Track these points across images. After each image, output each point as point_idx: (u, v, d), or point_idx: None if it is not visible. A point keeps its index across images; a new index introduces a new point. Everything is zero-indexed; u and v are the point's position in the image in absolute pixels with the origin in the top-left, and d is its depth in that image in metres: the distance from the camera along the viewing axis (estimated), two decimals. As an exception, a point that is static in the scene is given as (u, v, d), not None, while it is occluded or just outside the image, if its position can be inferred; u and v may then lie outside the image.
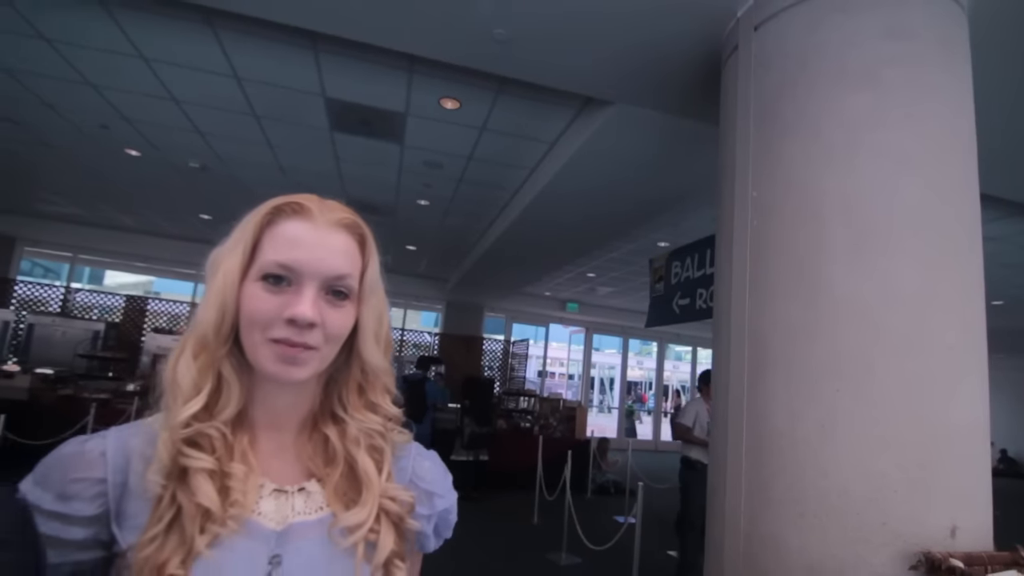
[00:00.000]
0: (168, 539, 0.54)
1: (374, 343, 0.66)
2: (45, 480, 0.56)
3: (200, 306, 0.62)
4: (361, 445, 0.64)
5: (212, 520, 0.55)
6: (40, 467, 0.57)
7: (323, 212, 0.63)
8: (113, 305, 9.67)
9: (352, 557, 0.60)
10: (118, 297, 9.73)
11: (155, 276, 12.79)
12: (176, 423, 0.57)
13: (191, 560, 0.53)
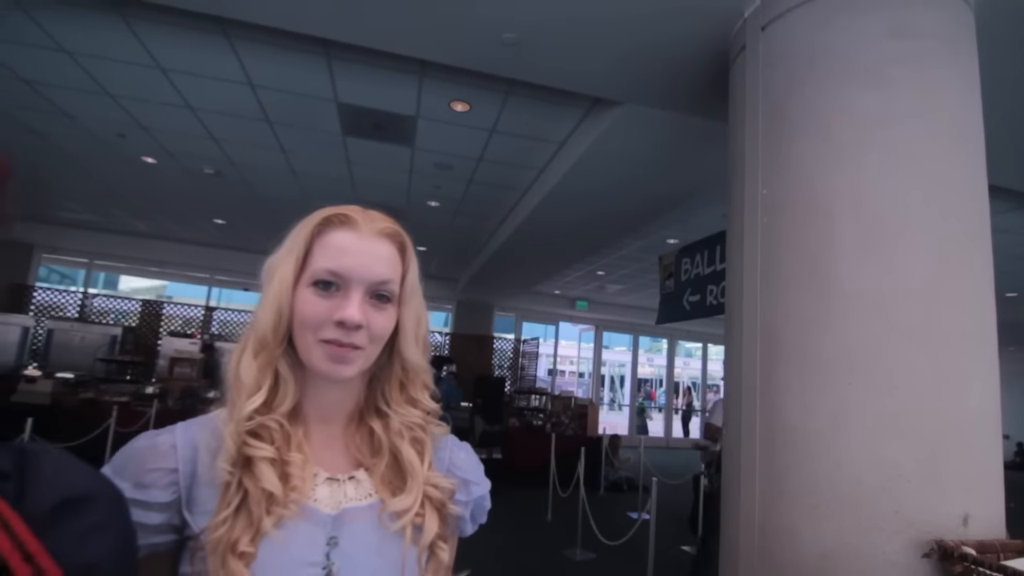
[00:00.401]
0: (237, 521, 0.59)
1: (414, 343, 0.71)
2: (123, 470, 0.61)
3: (258, 309, 0.67)
4: (404, 437, 0.70)
5: (275, 503, 0.61)
6: (116, 459, 0.63)
7: (367, 222, 0.69)
8: (129, 310, 9.84)
9: (400, 539, 0.65)
10: (134, 302, 9.89)
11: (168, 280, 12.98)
12: (241, 416, 0.63)
13: (259, 539, 0.59)
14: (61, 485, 0.43)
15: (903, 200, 1.74)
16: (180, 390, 6.22)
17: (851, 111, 1.84)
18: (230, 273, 10.38)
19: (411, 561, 0.65)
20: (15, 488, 0.41)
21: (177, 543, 0.62)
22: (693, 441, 13.74)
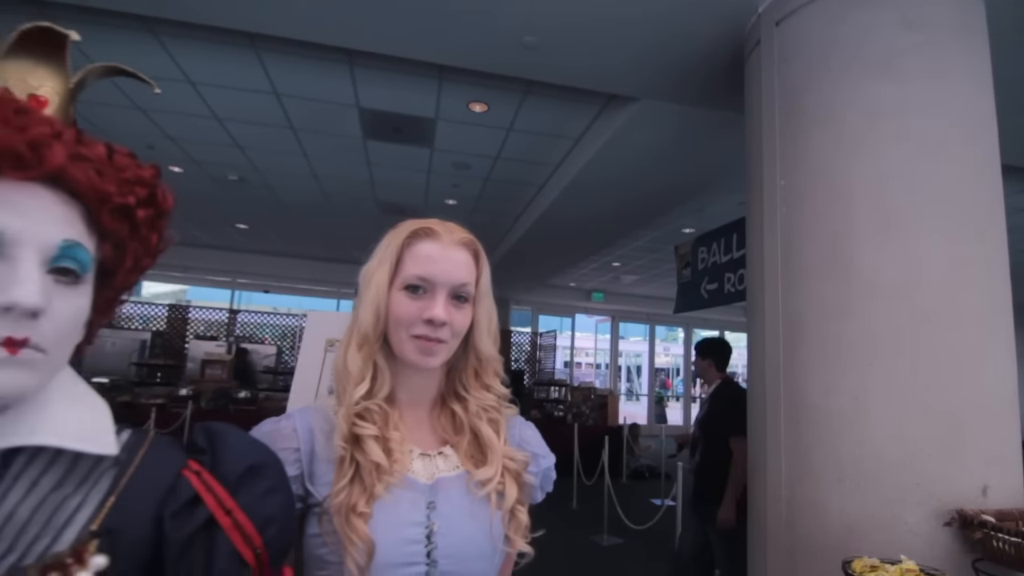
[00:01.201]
0: (354, 488, 0.71)
1: (487, 336, 0.83)
2: None
3: (359, 311, 0.79)
4: (482, 418, 0.81)
5: (383, 473, 0.72)
6: None
7: (448, 234, 0.80)
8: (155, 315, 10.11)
9: (487, 504, 0.76)
10: (160, 307, 10.16)
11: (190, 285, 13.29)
12: (351, 402, 0.74)
13: (372, 502, 0.70)
14: (244, 456, 0.55)
15: (919, 188, 1.81)
16: (212, 391, 6.43)
17: (866, 103, 1.91)
18: (251, 276, 10.61)
19: (497, 522, 0.76)
20: (211, 459, 0.53)
21: (302, 510, 0.74)
22: (712, 429, 13.76)
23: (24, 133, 0.43)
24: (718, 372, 3.38)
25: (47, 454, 0.46)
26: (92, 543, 0.43)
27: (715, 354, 3.41)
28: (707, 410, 3.34)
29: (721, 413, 3.14)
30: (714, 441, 3.12)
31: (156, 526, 0.47)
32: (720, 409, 3.18)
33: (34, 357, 0.42)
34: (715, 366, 3.38)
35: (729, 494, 2.94)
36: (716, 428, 3.13)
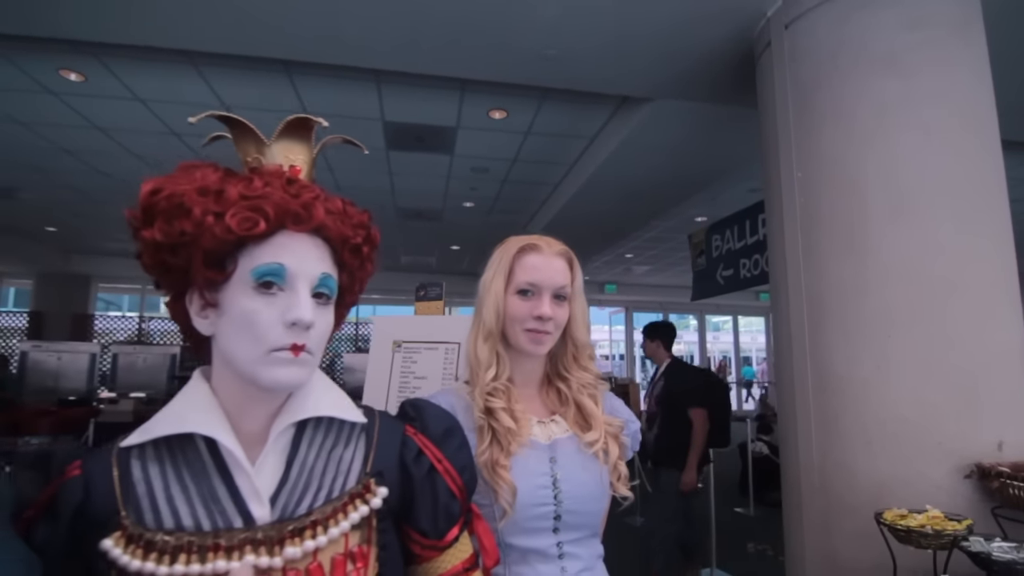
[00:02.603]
0: (493, 448, 0.90)
1: (582, 327, 1.02)
2: None
3: (483, 312, 0.98)
4: (583, 393, 1.01)
5: (514, 436, 0.92)
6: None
7: (548, 247, 0.99)
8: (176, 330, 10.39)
9: (595, 459, 0.96)
10: (187, 321, 10.45)
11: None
12: (484, 383, 0.94)
13: (509, 457, 0.90)
14: (441, 421, 0.74)
15: (927, 172, 1.98)
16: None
17: (874, 97, 2.08)
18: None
19: (604, 473, 0.96)
20: (421, 424, 0.73)
21: None
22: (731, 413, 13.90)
23: (298, 199, 0.62)
24: (667, 352, 3.73)
25: (324, 423, 0.66)
26: (372, 479, 0.63)
27: (662, 335, 3.75)
28: (664, 386, 3.65)
29: (679, 388, 3.50)
30: (674, 414, 3.46)
31: (401, 469, 0.66)
32: (676, 384, 3.54)
33: (307, 358, 0.61)
34: (663, 346, 3.69)
35: (692, 458, 3.36)
36: (676, 402, 3.48)
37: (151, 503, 0.55)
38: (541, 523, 0.90)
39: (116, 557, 0.51)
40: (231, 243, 0.57)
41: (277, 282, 0.58)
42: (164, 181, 0.61)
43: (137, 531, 0.53)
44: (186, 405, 0.60)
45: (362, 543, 0.59)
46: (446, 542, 0.67)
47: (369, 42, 2.91)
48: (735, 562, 4.04)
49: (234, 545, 0.53)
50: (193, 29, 2.83)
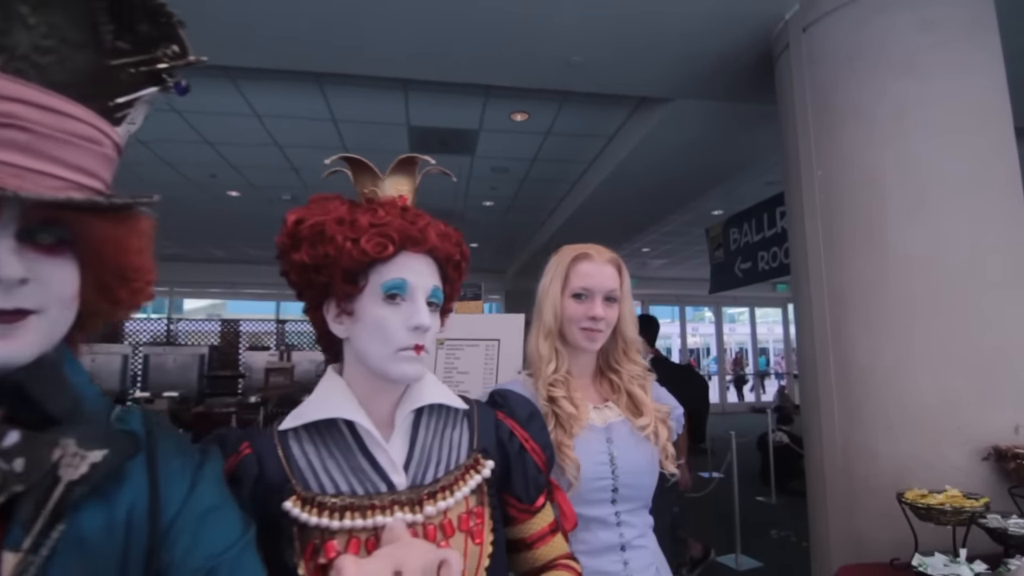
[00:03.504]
0: (557, 431, 1.04)
1: (630, 324, 1.15)
2: None
3: (543, 313, 1.12)
4: (633, 383, 1.14)
5: (574, 420, 1.05)
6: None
7: (599, 255, 1.12)
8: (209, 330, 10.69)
9: (646, 441, 1.09)
10: (214, 322, 10.74)
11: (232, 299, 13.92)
12: (545, 376, 1.08)
13: (572, 438, 1.03)
14: (526, 407, 0.87)
15: (943, 170, 2.07)
16: (278, 397, 6.90)
17: (891, 98, 2.17)
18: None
19: (655, 453, 1.09)
20: (508, 410, 0.86)
21: None
22: (749, 405, 13.94)
23: (415, 225, 0.75)
24: (650, 347, 3.74)
25: (435, 410, 0.79)
26: (479, 454, 0.77)
27: (647, 330, 3.76)
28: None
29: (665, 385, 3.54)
30: None
31: (499, 447, 0.80)
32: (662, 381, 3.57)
33: (425, 356, 0.74)
34: (647, 341, 3.73)
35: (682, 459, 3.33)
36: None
37: (312, 474, 0.69)
38: (601, 495, 1.04)
39: (297, 515, 0.65)
40: (365, 263, 0.71)
41: (401, 294, 0.72)
42: (305, 212, 0.75)
43: (308, 495, 0.66)
44: (327, 396, 0.74)
45: (478, 505, 0.73)
46: (536, 507, 0.81)
47: (398, 53, 3.04)
48: (759, 548, 4.15)
49: (385, 505, 0.67)
50: (235, 48, 2.98)
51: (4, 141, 0.42)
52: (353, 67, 3.20)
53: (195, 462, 0.55)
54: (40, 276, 0.46)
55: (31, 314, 0.46)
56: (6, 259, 0.44)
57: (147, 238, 0.56)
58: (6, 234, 0.44)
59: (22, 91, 0.43)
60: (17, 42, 0.44)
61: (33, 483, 0.43)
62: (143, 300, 0.59)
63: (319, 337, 0.80)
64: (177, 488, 0.52)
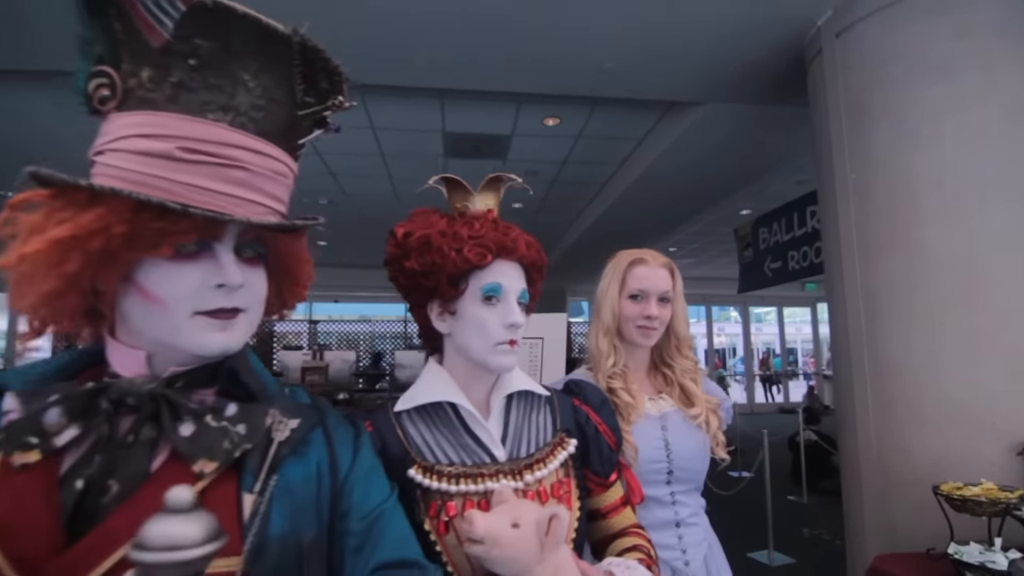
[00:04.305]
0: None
1: (683, 323, 1.26)
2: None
3: (601, 312, 1.23)
4: (685, 377, 1.24)
5: (632, 409, 1.16)
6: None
7: (653, 259, 1.23)
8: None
9: (698, 429, 1.20)
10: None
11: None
12: (604, 369, 1.19)
13: (629, 426, 1.14)
14: (597, 394, 0.99)
15: (977, 173, 2.12)
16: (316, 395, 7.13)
17: (925, 102, 2.23)
18: (325, 288, 11.39)
19: (706, 440, 1.20)
20: (583, 397, 0.97)
21: None
22: (778, 405, 13.80)
23: (507, 236, 0.87)
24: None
25: (523, 396, 0.91)
26: (563, 434, 0.89)
27: None
28: None
29: None
30: None
31: (578, 428, 0.91)
32: None
33: (518, 349, 0.86)
34: None
35: None
36: None
37: (427, 447, 0.82)
38: (657, 476, 1.15)
39: (420, 481, 0.77)
40: (466, 269, 0.83)
41: (497, 296, 0.84)
42: (411, 225, 0.87)
43: (427, 465, 0.79)
44: (432, 383, 0.87)
45: (565, 476, 0.85)
46: (610, 482, 0.92)
47: (437, 65, 3.18)
48: (792, 546, 4.18)
49: (491, 473, 0.79)
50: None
51: (230, 178, 0.56)
52: (395, 79, 3.36)
53: (354, 432, 0.68)
54: (248, 282, 0.59)
55: (241, 312, 0.59)
56: (231, 269, 0.57)
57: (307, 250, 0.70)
58: (228, 249, 0.58)
59: (244, 140, 0.57)
60: (240, 102, 0.57)
61: (256, 442, 0.57)
62: (301, 300, 0.72)
63: (422, 332, 0.92)
64: (346, 451, 0.65)
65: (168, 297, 0.55)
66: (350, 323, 11.49)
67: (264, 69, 0.59)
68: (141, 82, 0.56)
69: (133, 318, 0.57)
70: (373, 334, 11.83)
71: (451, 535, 0.75)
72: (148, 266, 0.55)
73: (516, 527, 0.67)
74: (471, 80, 3.38)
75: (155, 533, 0.36)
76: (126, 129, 0.55)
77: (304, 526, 0.57)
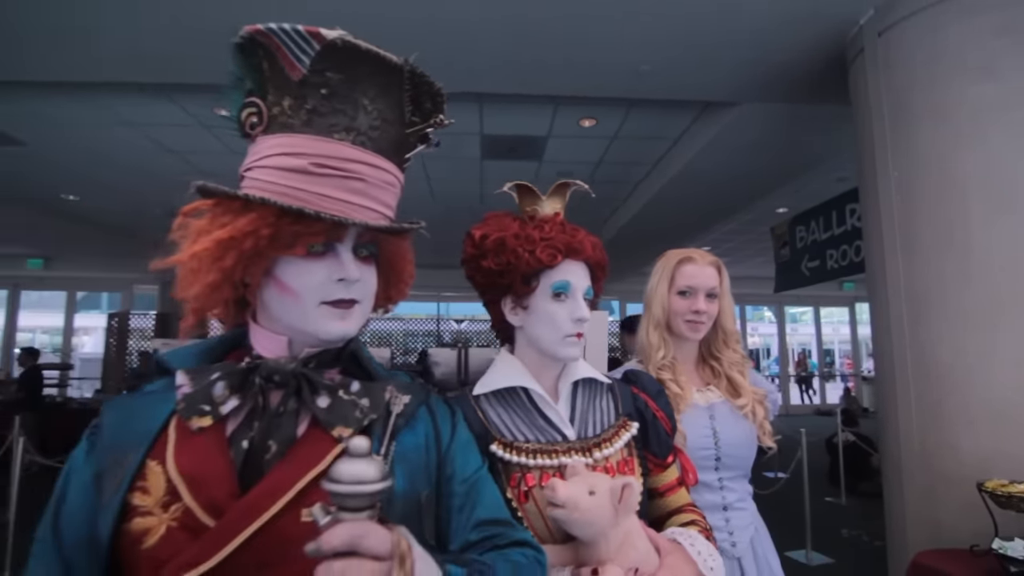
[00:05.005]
0: None
1: (730, 318, 1.33)
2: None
3: (652, 307, 1.31)
4: (734, 370, 1.31)
5: (680, 399, 1.23)
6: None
7: (702, 258, 1.31)
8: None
9: (745, 419, 1.26)
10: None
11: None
12: (654, 361, 1.27)
13: (678, 415, 1.21)
14: (654, 384, 1.07)
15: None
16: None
17: (970, 101, 2.22)
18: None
19: (752, 429, 1.26)
20: (640, 386, 1.06)
21: None
22: (814, 407, 13.53)
23: (575, 238, 0.96)
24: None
25: (588, 383, 1.00)
26: (625, 418, 0.97)
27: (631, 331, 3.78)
28: None
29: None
30: None
31: (638, 413, 1.00)
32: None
33: (583, 340, 0.95)
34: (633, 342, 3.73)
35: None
36: None
37: (505, 427, 0.91)
38: (705, 463, 1.22)
39: (502, 455, 0.87)
40: (538, 268, 0.92)
41: (565, 292, 0.93)
42: (486, 228, 0.97)
43: (507, 441, 0.89)
44: (506, 370, 0.96)
45: (628, 456, 0.94)
46: (667, 463, 1.00)
47: (475, 68, 3.28)
48: (830, 546, 4.16)
49: (563, 450, 0.88)
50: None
51: (351, 188, 0.66)
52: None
53: (451, 410, 0.78)
54: (363, 277, 0.69)
55: (356, 303, 0.69)
56: (351, 266, 0.67)
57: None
58: (348, 249, 0.68)
59: (363, 156, 0.67)
60: (360, 124, 0.68)
61: (379, 413, 0.67)
62: (404, 297, 0.83)
63: (495, 325, 1.02)
64: (446, 426, 0.75)
65: (300, 289, 0.66)
66: (384, 321, 11.74)
67: (380, 94, 0.69)
68: (283, 110, 0.67)
69: (272, 306, 0.68)
70: (406, 332, 12.07)
71: (530, 503, 0.84)
72: (284, 263, 0.66)
73: (592, 494, 0.75)
74: (509, 84, 3.48)
75: (345, 470, 0.46)
76: (270, 149, 0.66)
77: (420, 485, 0.67)
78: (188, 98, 4.02)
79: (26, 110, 4.20)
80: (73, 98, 3.95)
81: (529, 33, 2.91)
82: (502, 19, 2.81)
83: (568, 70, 3.26)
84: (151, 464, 0.61)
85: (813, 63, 3.08)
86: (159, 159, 5.25)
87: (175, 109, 4.21)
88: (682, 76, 3.30)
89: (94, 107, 4.13)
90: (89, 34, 2.90)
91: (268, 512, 0.58)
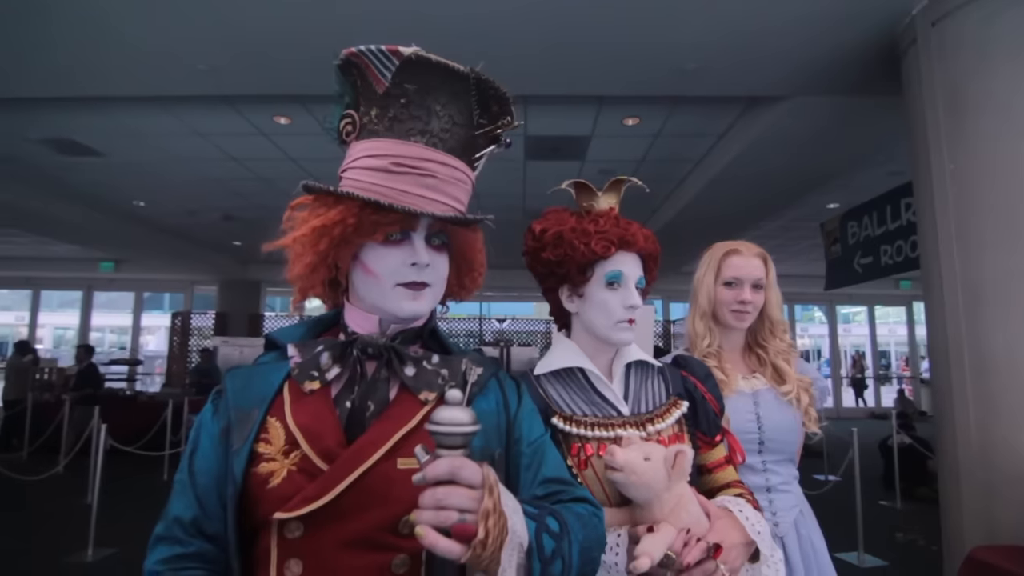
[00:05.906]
0: None
1: (776, 307, 1.37)
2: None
3: (699, 298, 1.37)
4: (779, 358, 1.36)
5: (725, 385, 1.29)
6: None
7: (747, 250, 1.36)
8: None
9: (789, 405, 1.31)
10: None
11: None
12: (700, 349, 1.33)
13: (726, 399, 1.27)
14: (702, 368, 1.14)
15: (1091, 160, 2.05)
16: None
17: (1029, 89, 2.17)
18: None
19: (797, 415, 1.30)
20: (690, 369, 1.12)
21: None
22: (868, 410, 13.02)
23: (627, 231, 1.04)
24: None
25: (640, 366, 1.08)
26: (675, 397, 1.04)
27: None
28: None
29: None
30: None
31: (688, 395, 1.07)
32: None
33: (634, 326, 1.02)
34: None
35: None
36: None
37: (564, 403, 1.00)
38: (749, 446, 1.27)
39: (563, 427, 0.95)
40: (593, 259, 1.00)
41: (619, 282, 1.01)
42: (546, 223, 1.06)
43: (567, 415, 0.97)
44: (564, 352, 1.05)
45: (680, 432, 1.01)
46: (716, 441, 1.06)
47: (522, 72, 3.38)
48: (884, 549, 4.05)
49: (619, 424, 0.96)
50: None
51: (424, 184, 0.76)
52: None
53: (516, 383, 0.88)
54: (434, 264, 0.79)
55: (427, 287, 0.79)
56: (422, 252, 0.77)
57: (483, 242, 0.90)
58: (420, 237, 0.78)
59: (436, 155, 0.77)
60: (433, 127, 0.78)
61: (457, 382, 0.77)
62: (478, 286, 0.93)
63: (553, 311, 1.11)
64: (513, 396, 0.84)
65: (380, 271, 0.76)
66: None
67: (450, 100, 0.79)
68: (371, 119, 0.78)
69: (358, 287, 0.79)
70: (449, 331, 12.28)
71: (589, 470, 0.92)
72: (368, 248, 0.77)
73: (648, 460, 0.83)
74: (555, 86, 3.56)
75: (445, 415, 0.56)
76: (359, 152, 0.77)
77: (493, 444, 0.77)
78: (251, 108, 4.28)
79: (107, 123, 4.57)
80: (149, 111, 4.27)
81: (575, 35, 2.98)
82: (546, 21, 2.88)
83: (614, 70, 3.32)
84: (271, 420, 0.73)
85: (864, 54, 3.04)
86: (221, 165, 5.60)
87: (239, 119, 4.48)
88: (730, 72, 3.30)
89: (169, 118, 4.45)
90: (166, 52, 3.15)
91: (371, 458, 0.68)
